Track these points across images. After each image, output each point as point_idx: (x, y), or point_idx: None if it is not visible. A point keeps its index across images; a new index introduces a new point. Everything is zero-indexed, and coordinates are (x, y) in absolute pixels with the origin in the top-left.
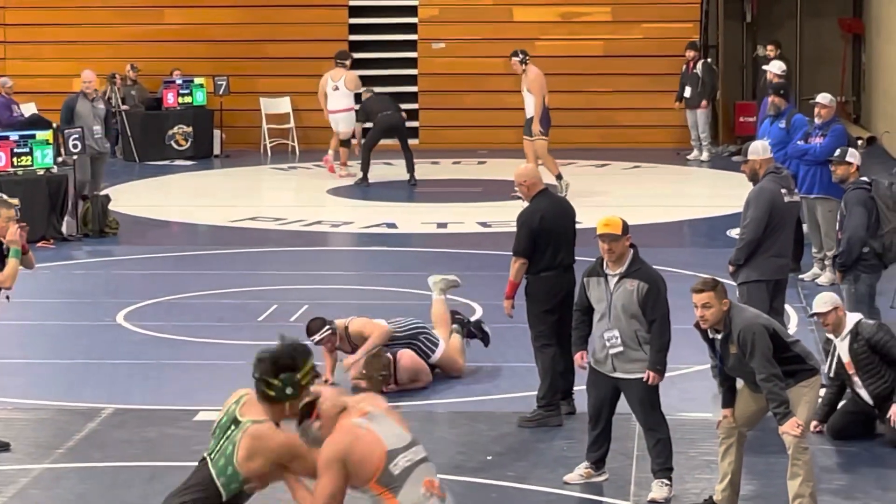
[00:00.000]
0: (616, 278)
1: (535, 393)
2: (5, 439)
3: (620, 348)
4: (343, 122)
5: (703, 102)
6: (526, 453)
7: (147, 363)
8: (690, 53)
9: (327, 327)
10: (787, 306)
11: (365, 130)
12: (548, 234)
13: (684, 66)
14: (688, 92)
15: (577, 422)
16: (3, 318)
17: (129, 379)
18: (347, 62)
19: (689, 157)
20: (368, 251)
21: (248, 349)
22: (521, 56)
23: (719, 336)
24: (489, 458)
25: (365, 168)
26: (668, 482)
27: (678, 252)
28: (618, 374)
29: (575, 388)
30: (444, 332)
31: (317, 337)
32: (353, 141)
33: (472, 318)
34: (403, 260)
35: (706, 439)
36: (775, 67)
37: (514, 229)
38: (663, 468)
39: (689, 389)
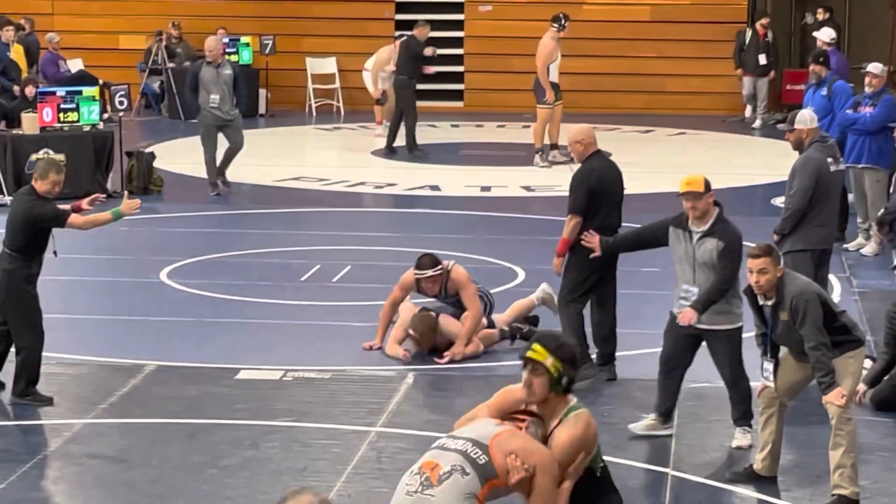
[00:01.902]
0: (699, 235)
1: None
2: (48, 394)
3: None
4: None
5: (772, 74)
6: None
7: (189, 321)
8: (765, 20)
9: (439, 268)
10: (830, 276)
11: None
12: (602, 195)
13: (749, 34)
14: (763, 59)
15: (618, 387)
16: (47, 273)
17: (172, 336)
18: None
19: (753, 125)
20: (411, 213)
21: (290, 309)
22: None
23: (770, 303)
24: None
25: (390, 135)
26: (750, 429)
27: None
28: (702, 326)
29: (631, 353)
30: (503, 318)
31: (429, 272)
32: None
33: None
34: (446, 222)
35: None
36: (825, 35)
37: (559, 193)
38: (744, 416)
39: None
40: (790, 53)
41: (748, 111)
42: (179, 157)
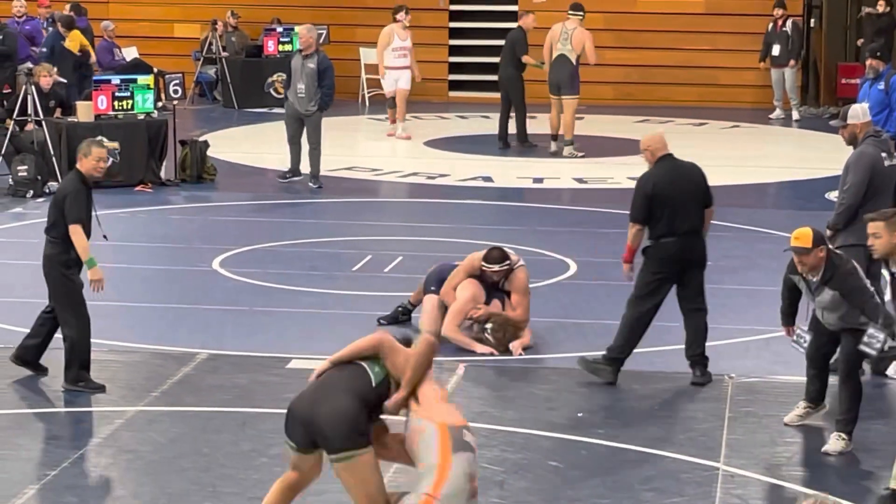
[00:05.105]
0: (815, 285)
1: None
2: (100, 381)
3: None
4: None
5: (791, 62)
6: (616, 411)
7: (241, 310)
8: (779, 11)
9: (507, 263)
10: (883, 271)
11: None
12: (662, 201)
13: (770, 25)
14: (776, 50)
15: (669, 382)
16: (100, 260)
17: (223, 325)
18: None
19: (771, 116)
20: (464, 204)
21: (341, 298)
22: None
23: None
24: (580, 414)
25: (501, 129)
26: (846, 437)
27: (774, 213)
28: (835, 326)
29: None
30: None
31: (496, 267)
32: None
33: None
34: (499, 214)
35: (798, 402)
36: None
37: (611, 186)
38: (847, 418)
39: (782, 353)
40: (846, 47)
41: (777, 110)
42: (233, 145)
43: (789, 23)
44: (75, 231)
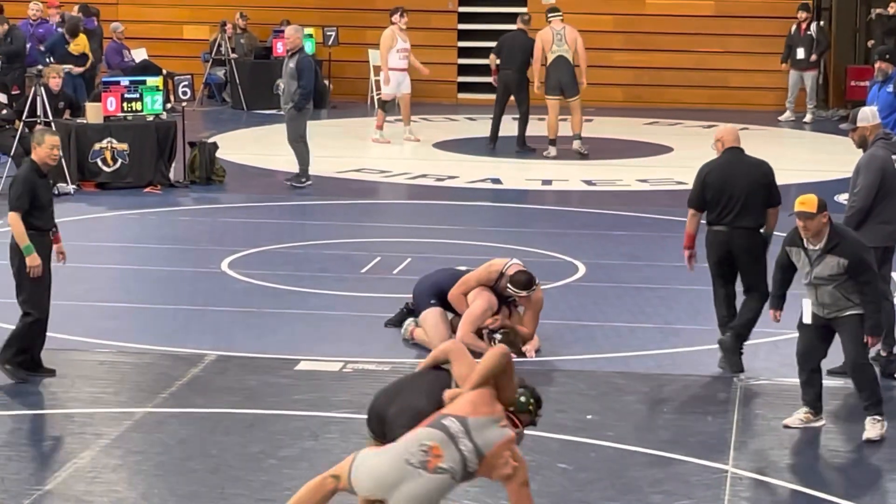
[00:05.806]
0: (817, 254)
1: (634, 353)
2: (110, 383)
3: None
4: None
5: (813, 57)
6: (625, 414)
7: (250, 311)
8: (803, 14)
9: (533, 288)
10: (894, 273)
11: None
12: (713, 190)
13: (794, 27)
14: (800, 53)
15: (677, 383)
16: (109, 261)
17: (232, 326)
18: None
19: (780, 118)
20: (472, 206)
21: (350, 300)
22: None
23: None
24: (589, 417)
25: (491, 131)
26: (880, 417)
27: (784, 216)
28: (831, 315)
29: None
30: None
31: (523, 293)
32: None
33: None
34: (507, 216)
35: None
36: None
37: (620, 188)
38: (872, 402)
39: (791, 355)
40: (855, 49)
41: (787, 111)
42: (242, 147)
43: (814, 26)
44: (13, 217)
